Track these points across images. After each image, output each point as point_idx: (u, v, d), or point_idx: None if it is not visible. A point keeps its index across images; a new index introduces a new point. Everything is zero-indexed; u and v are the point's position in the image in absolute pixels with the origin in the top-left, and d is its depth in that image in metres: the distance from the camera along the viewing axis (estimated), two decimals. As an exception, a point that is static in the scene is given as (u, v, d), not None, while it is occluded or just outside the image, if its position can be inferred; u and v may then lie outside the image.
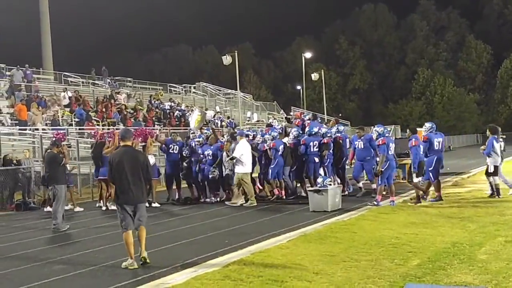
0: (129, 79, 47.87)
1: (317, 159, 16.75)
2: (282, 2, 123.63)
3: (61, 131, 18.44)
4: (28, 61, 36.51)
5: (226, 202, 16.61)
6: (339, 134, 17.56)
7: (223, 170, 16.86)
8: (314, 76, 51.53)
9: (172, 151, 17.83)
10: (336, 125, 18.40)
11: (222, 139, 17.97)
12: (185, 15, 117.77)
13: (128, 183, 8.80)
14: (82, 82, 41.48)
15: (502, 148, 15.84)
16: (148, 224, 12.47)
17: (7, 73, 35.08)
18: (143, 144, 16.90)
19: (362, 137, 16.31)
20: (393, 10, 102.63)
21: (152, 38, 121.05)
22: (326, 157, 16.80)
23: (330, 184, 14.18)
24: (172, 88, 51.10)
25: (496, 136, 15.68)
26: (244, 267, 8.04)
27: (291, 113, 50.57)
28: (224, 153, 16.75)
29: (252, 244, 9.91)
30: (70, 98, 31.51)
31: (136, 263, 8.65)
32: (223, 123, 36.39)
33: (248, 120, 42.13)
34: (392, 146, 14.68)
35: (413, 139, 14.64)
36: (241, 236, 10.73)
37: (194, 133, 19.20)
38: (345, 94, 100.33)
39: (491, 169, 15.26)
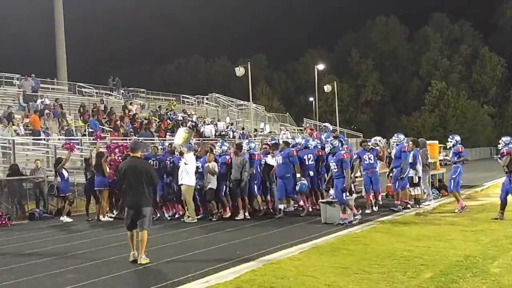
0: (142, 89, 48.10)
1: (312, 173, 16.00)
2: (295, 14, 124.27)
3: (72, 141, 18.61)
4: (42, 72, 36.74)
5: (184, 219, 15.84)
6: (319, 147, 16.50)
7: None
8: (327, 88, 51.58)
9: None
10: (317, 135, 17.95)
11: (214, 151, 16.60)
12: (198, 26, 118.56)
13: (132, 190, 9.98)
14: (96, 93, 41.71)
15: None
16: (160, 234, 12.60)
17: (17, 82, 35.19)
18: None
19: (282, 152, 15.53)
20: (404, 22, 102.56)
21: (166, 49, 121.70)
22: (320, 170, 16.33)
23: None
24: (185, 99, 51.28)
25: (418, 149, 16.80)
26: (256, 278, 8.04)
27: (303, 125, 50.66)
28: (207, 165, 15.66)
29: (264, 255, 9.91)
30: (48, 105, 29.60)
31: (136, 256, 9.83)
32: (235, 134, 36.42)
33: (261, 132, 42.15)
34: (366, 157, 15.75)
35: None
36: (252, 248, 10.72)
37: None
38: (358, 106, 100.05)
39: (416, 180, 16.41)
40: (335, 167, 13.83)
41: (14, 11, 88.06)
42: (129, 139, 26.00)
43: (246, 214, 15.67)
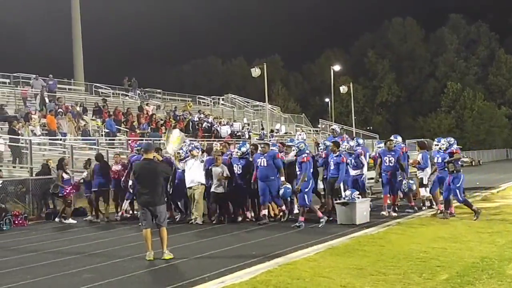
0: (158, 90, 48.29)
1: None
2: (311, 15, 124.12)
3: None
4: (59, 72, 37.03)
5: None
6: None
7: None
8: (343, 89, 51.46)
9: None
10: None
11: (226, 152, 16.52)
12: (215, 27, 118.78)
13: (146, 189, 10.30)
14: (113, 94, 41.97)
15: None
16: (175, 234, 12.64)
17: (30, 81, 35.47)
18: None
19: (266, 154, 14.72)
20: (421, 24, 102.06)
21: (182, 50, 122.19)
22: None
23: (358, 197, 14.11)
24: (201, 100, 51.41)
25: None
26: (271, 278, 8.05)
27: (319, 126, 50.56)
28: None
29: (279, 256, 9.91)
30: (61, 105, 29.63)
31: (152, 255, 10.09)
32: (251, 135, 36.48)
33: (276, 132, 42.17)
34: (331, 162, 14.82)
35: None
36: (268, 248, 10.73)
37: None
38: (373, 107, 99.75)
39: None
40: (299, 169, 13.90)
41: (32, 12, 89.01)
42: (145, 140, 26.19)
43: (252, 214, 15.62)
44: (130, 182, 15.61)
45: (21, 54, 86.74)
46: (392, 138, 16.82)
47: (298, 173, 14.00)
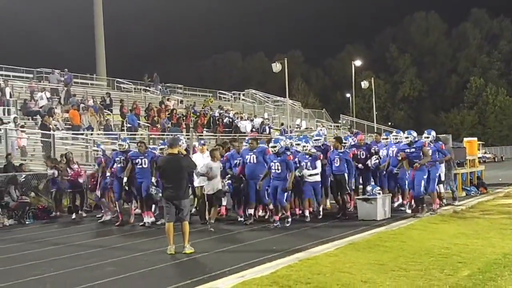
0: (179, 85, 48.41)
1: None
2: (332, 10, 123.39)
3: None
4: (82, 67, 37.26)
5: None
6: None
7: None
8: (364, 84, 51.20)
9: (141, 166, 14.67)
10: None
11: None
12: (235, 22, 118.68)
13: (170, 183, 10.42)
14: (134, 89, 42.18)
15: None
16: (196, 229, 12.71)
17: (48, 76, 35.65)
18: None
19: (255, 150, 14.12)
20: (444, 18, 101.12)
21: (202, 45, 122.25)
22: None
23: (379, 193, 14.06)
24: (222, 95, 51.45)
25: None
26: (292, 273, 8.06)
27: (339, 121, 50.41)
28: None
29: (300, 251, 9.91)
30: (48, 99, 29.27)
31: (173, 249, 10.19)
32: (272, 130, 36.44)
33: (297, 128, 42.08)
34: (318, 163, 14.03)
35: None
36: (288, 243, 10.73)
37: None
38: (395, 103, 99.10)
39: None
40: (278, 167, 13.18)
41: (54, 7, 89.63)
42: (167, 135, 26.30)
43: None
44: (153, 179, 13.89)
45: (44, 49, 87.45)
46: (394, 132, 16.42)
47: (274, 171, 13.21)
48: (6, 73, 34.21)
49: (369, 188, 14.28)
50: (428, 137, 15.15)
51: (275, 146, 13.43)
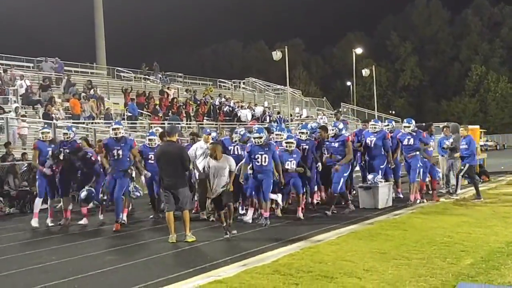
0: (180, 74, 48.28)
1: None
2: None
3: None
4: (82, 56, 37.14)
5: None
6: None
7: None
8: (365, 72, 50.98)
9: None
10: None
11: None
12: (235, 11, 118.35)
13: (167, 172, 10.36)
14: (134, 77, 42.07)
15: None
16: (197, 219, 12.69)
17: (30, 65, 35.43)
18: None
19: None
20: (447, 6, 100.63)
21: (203, 34, 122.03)
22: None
23: (381, 181, 14.03)
24: (222, 84, 51.33)
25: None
26: (293, 262, 8.05)
27: (340, 110, 50.30)
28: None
29: (302, 240, 9.91)
30: (28, 87, 27.77)
31: (175, 238, 10.17)
32: (272, 119, 36.34)
33: (297, 116, 41.97)
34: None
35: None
36: (290, 232, 10.74)
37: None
38: (396, 91, 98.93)
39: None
40: (265, 160, 11.96)
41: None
42: (167, 123, 26.28)
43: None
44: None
45: (45, 38, 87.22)
46: (372, 122, 15.79)
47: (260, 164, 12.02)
48: (6, 62, 34.10)
49: (370, 176, 14.24)
50: (408, 126, 14.69)
51: (261, 137, 12.03)
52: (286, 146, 12.68)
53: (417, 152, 14.44)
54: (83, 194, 12.81)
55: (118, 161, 12.13)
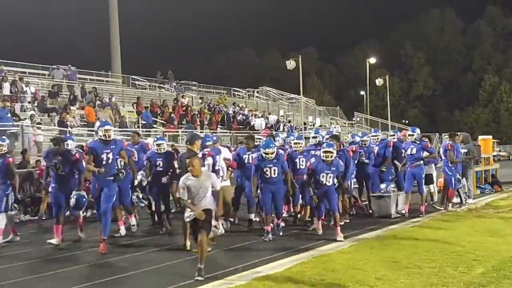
0: (194, 82, 48.48)
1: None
2: (346, 7, 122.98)
3: None
4: (97, 65, 37.39)
5: None
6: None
7: None
8: (379, 81, 51.02)
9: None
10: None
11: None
12: (249, 19, 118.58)
13: None
14: (149, 86, 42.33)
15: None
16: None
17: (46, 72, 35.70)
18: None
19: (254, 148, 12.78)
20: (460, 16, 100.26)
21: (216, 42, 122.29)
22: None
23: (394, 190, 14.06)
24: (236, 92, 51.46)
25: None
26: (306, 270, 8.11)
27: (354, 119, 50.26)
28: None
29: (314, 248, 9.97)
30: (33, 94, 27.90)
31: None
32: (285, 128, 36.41)
33: (310, 125, 42.03)
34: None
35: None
36: (302, 241, 10.79)
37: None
38: (409, 100, 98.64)
39: None
40: (274, 172, 11.32)
41: (69, 4, 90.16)
42: (182, 132, 26.43)
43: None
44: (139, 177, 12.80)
45: (60, 46, 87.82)
46: (372, 132, 16.33)
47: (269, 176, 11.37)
48: (22, 69, 34.43)
49: (383, 185, 14.25)
50: (412, 135, 14.68)
51: (273, 153, 11.26)
52: (324, 156, 11.44)
53: (421, 162, 14.44)
54: (72, 201, 11.15)
55: (107, 167, 10.75)
